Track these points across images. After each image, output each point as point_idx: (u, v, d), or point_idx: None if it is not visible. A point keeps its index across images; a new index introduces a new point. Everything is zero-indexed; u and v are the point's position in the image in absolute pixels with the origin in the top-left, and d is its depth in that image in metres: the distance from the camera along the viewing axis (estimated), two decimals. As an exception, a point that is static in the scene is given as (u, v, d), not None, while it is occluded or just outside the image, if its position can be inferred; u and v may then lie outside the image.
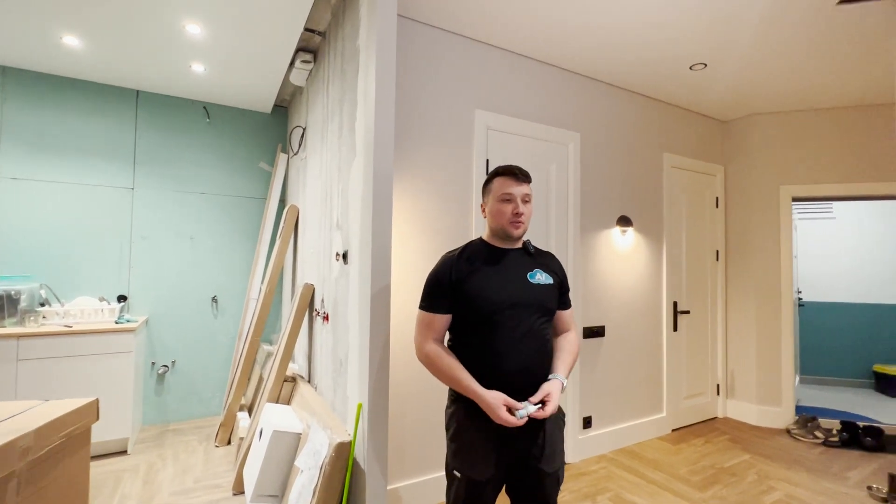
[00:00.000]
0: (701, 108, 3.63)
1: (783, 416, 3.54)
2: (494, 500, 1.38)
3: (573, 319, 1.51)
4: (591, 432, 2.97)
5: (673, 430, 3.44)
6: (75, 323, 2.83)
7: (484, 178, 2.56)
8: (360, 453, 1.77)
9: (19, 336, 2.58)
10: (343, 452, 1.76)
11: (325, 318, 2.40)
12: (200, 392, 3.56)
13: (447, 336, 1.44)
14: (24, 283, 2.83)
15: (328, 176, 2.42)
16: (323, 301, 2.47)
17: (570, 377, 2.86)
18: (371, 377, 1.74)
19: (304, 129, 3.11)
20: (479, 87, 2.58)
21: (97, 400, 1.79)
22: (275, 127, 3.88)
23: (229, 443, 3.06)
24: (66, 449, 1.64)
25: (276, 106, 3.82)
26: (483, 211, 1.45)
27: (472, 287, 1.34)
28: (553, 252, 2.83)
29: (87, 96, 3.20)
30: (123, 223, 3.32)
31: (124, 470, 2.64)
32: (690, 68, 2.89)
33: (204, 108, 3.59)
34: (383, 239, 1.77)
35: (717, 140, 3.89)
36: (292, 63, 2.93)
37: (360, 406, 1.79)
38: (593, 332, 3.00)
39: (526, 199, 1.38)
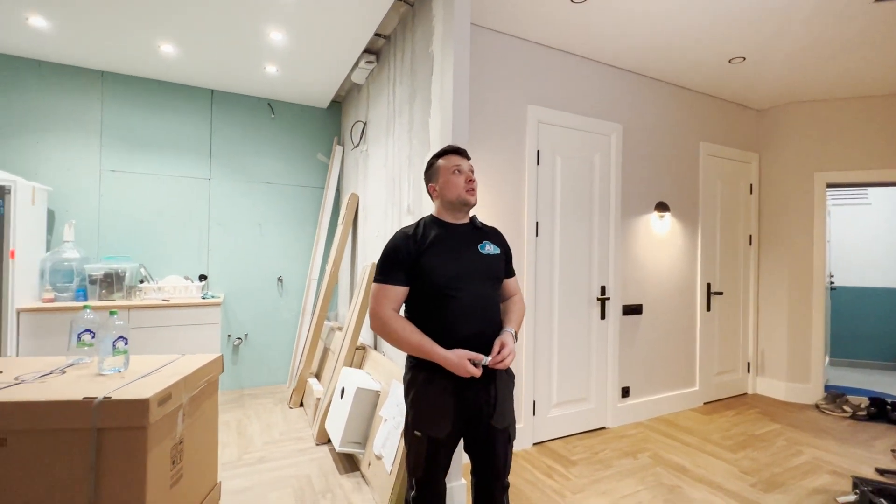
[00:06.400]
0: (737, 98, 3.77)
1: (812, 393, 3.73)
2: (450, 458, 1.49)
3: (517, 286, 1.65)
4: (629, 401, 3.23)
5: (705, 403, 3.67)
6: (171, 297, 3.23)
7: (535, 167, 2.82)
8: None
9: (130, 308, 2.99)
10: (426, 402, 2.07)
11: (395, 293, 2.71)
12: (269, 362, 3.96)
13: (403, 310, 1.52)
14: (126, 262, 3.23)
15: (397, 166, 2.71)
16: (391, 278, 2.78)
17: (610, 350, 3.12)
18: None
19: (366, 124, 3.40)
20: (531, 84, 2.81)
21: (222, 356, 2.16)
22: (330, 121, 4.20)
23: (300, 405, 3.45)
24: (205, 392, 2.01)
25: (331, 102, 4.12)
26: (432, 192, 1.53)
27: (429, 260, 1.41)
28: (595, 236, 3.07)
29: (171, 96, 3.57)
30: (202, 211, 3.70)
31: (219, 424, 3.04)
32: (729, 62, 3.05)
33: (269, 104, 3.92)
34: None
35: (753, 128, 4.02)
36: (356, 63, 3.22)
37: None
38: (632, 310, 3.24)
39: (472, 171, 1.52)
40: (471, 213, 1.58)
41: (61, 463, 1.44)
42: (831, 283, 4.50)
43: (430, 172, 1.55)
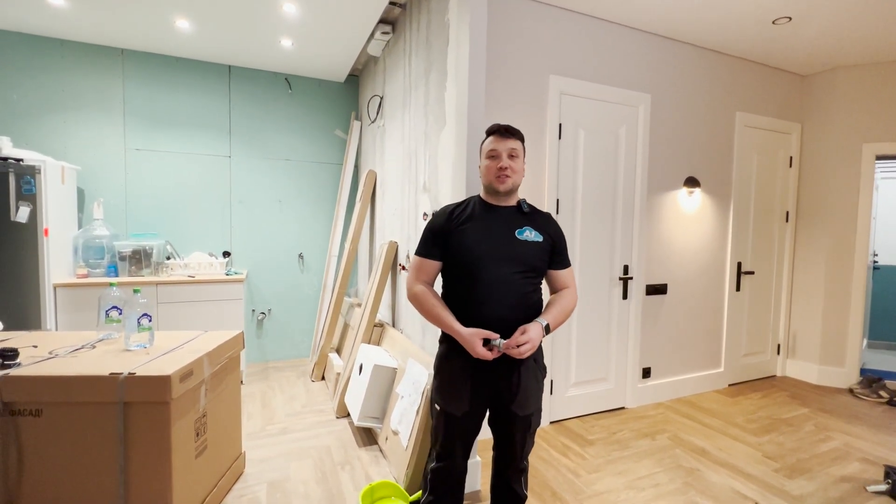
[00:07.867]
0: (779, 63, 3.49)
1: (846, 377, 3.57)
2: (475, 432, 1.51)
3: (572, 278, 1.55)
4: (650, 382, 3.18)
5: (730, 385, 3.58)
6: (196, 274, 3.33)
7: (557, 141, 2.71)
8: (455, 383, 2.08)
9: (158, 283, 3.10)
10: (441, 381, 2.08)
11: (412, 271, 2.70)
12: (292, 336, 4.07)
13: (442, 284, 1.54)
14: (153, 239, 3.33)
15: (413, 142, 2.65)
16: (408, 256, 2.76)
17: (632, 331, 3.05)
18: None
19: (382, 98, 3.32)
20: (553, 53, 2.67)
21: (242, 332, 2.21)
22: (348, 95, 4.13)
23: (322, 378, 3.55)
24: (227, 367, 2.06)
25: (348, 75, 4.04)
26: (479, 171, 1.52)
27: (458, 238, 1.43)
28: (619, 213, 2.96)
29: (189, 73, 3.57)
30: (224, 188, 3.75)
31: (245, 395, 3.17)
32: (773, 22, 2.80)
33: (286, 79, 3.88)
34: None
35: (795, 96, 3.73)
36: (371, 34, 3.12)
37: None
38: (655, 290, 3.14)
39: (513, 154, 1.44)
40: (520, 195, 1.54)
41: (92, 433, 1.51)
42: (875, 261, 4.24)
43: (480, 151, 1.54)
